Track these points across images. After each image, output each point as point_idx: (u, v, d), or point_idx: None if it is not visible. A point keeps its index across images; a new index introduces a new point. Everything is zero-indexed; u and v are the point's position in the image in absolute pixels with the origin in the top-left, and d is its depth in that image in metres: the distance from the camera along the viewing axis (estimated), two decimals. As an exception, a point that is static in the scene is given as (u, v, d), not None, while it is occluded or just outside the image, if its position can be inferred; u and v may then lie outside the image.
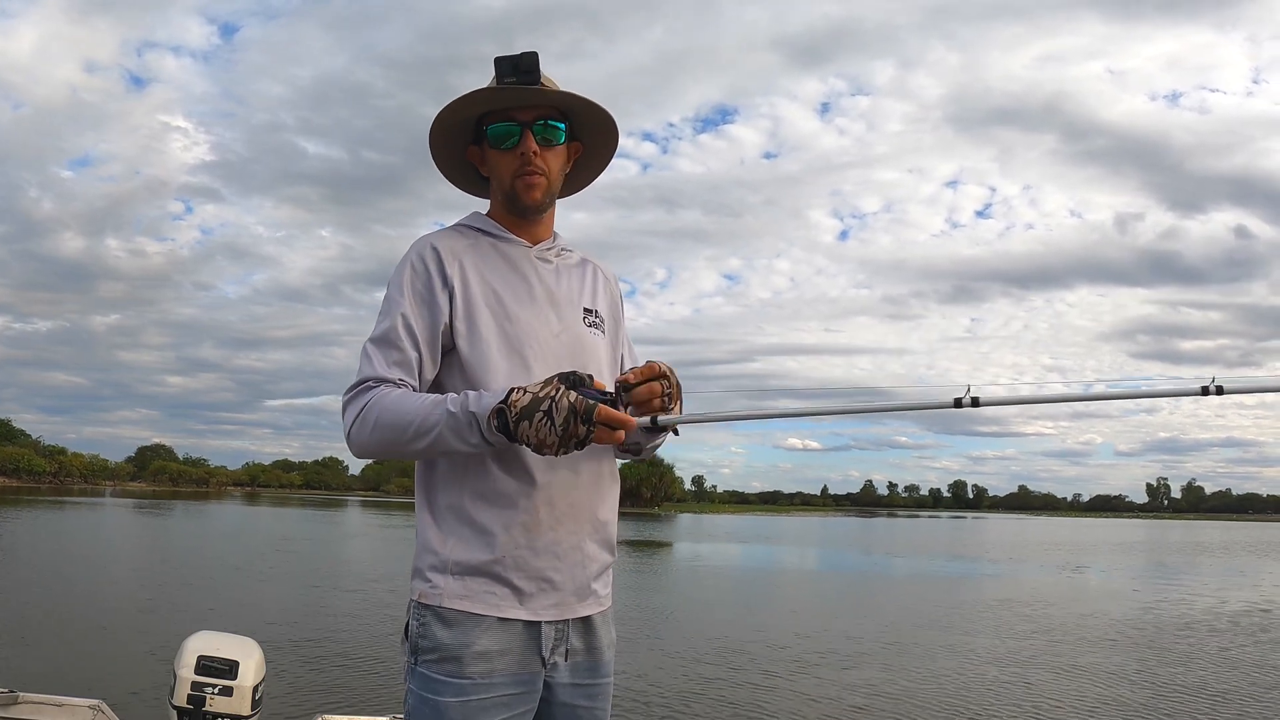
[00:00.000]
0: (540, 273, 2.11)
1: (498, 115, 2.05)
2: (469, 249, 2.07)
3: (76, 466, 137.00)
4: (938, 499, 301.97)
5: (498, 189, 2.13)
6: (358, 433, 1.90)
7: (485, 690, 1.88)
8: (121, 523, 45.94)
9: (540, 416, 1.78)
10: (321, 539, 38.95)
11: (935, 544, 55.07)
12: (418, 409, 1.86)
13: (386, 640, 12.15)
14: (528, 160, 2.04)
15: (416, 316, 1.97)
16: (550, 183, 2.09)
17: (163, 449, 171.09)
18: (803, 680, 10.89)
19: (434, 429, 1.84)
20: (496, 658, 1.90)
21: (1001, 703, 9.96)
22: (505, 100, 2.03)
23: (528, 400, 1.79)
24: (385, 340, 1.96)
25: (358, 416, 1.90)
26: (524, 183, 2.06)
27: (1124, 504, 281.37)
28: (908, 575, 30.28)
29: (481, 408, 1.82)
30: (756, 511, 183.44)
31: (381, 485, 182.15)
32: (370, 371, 1.93)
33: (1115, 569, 34.11)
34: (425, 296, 1.99)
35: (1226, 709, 10.01)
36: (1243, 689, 11.01)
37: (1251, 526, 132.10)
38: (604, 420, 1.81)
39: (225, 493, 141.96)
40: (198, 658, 4.01)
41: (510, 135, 2.04)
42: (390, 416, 1.87)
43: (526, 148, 2.03)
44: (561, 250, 2.20)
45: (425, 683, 1.89)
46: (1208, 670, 12.21)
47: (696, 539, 53.70)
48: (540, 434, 1.78)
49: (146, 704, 7.47)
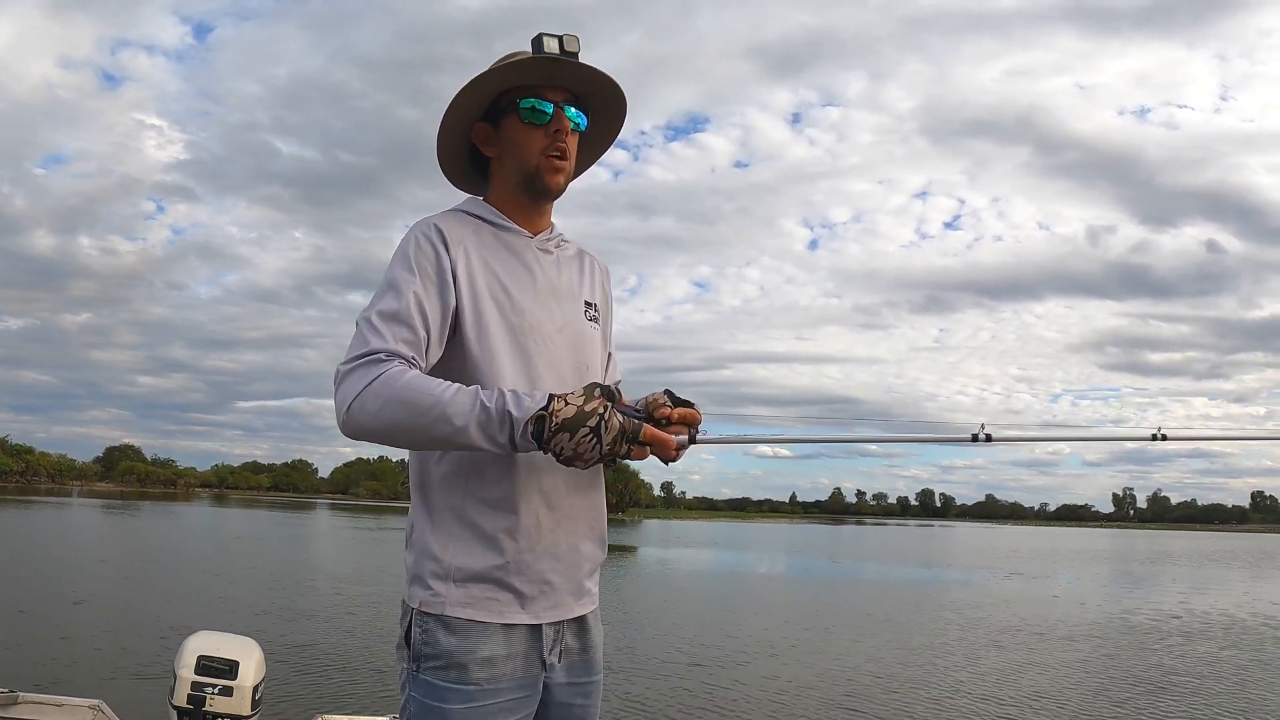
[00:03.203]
0: (543, 263, 2.05)
1: (527, 90, 1.97)
2: (472, 235, 1.98)
3: (44, 466, 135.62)
4: (905, 507, 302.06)
5: (516, 168, 2.01)
6: (360, 407, 1.73)
7: (491, 696, 1.84)
8: (95, 523, 45.56)
9: (586, 433, 1.71)
10: (314, 541, 38.84)
11: (903, 552, 55.33)
12: (441, 394, 1.72)
13: (385, 642, 12.12)
14: (560, 138, 1.98)
15: (428, 297, 1.86)
16: (571, 170, 2.04)
17: (131, 449, 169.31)
18: (756, 678, 11.08)
19: (459, 418, 1.71)
20: (502, 663, 1.86)
21: (969, 702, 10.23)
22: (544, 75, 1.97)
23: (572, 413, 1.71)
24: (395, 316, 1.81)
25: (364, 389, 1.73)
26: (551, 163, 1.98)
27: (1090, 513, 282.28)
28: (876, 582, 30.54)
29: (522, 411, 1.72)
30: (723, 518, 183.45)
31: (350, 488, 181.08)
32: (380, 344, 1.78)
33: (1083, 577, 34.53)
34: (435, 278, 1.88)
35: (1188, 709, 10.35)
36: (1203, 689, 11.35)
37: (1215, 536, 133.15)
38: (649, 440, 1.78)
39: (193, 494, 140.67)
40: (198, 658, 4.03)
41: (545, 110, 1.97)
42: (409, 395, 1.71)
43: (561, 124, 1.97)
44: (560, 241, 2.14)
45: (430, 690, 1.84)
46: (1165, 674, 12.48)
47: (661, 545, 53.52)
48: (581, 448, 1.71)
49: (146, 704, 7.33)
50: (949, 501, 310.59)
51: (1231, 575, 38.41)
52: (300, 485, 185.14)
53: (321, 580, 21.75)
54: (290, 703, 8.67)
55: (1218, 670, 13.24)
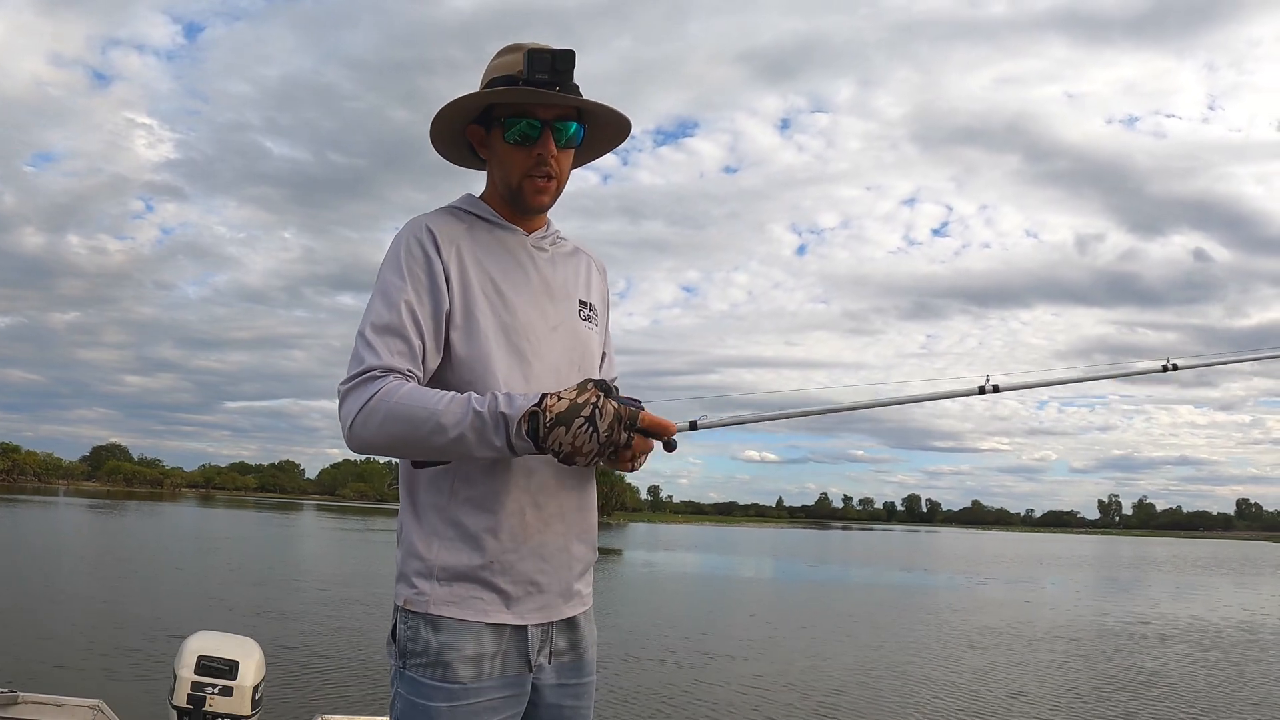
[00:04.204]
0: (537, 262, 2.03)
1: (516, 108, 1.93)
2: (465, 233, 1.97)
3: (30, 464, 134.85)
4: (892, 512, 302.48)
5: (501, 182, 2.00)
6: (361, 426, 1.77)
7: (475, 695, 1.83)
8: (84, 523, 45.41)
9: (581, 423, 1.71)
10: (306, 542, 38.80)
11: (888, 557, 55.43)
12: (435, 405, 1.75)
13: (383, 642, 12.13)
14: (544, 162, 1.94)
15: (420, 304, 1.87)
16: (560, 185, 2.01)
17: (118, 449, 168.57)
18: (740, 678, 11.17)
19: (454, 427, 1.74)
20: (485, 662, 1.85)
21: (948, 701, 10.36)
22: (530, 94, 1.92)
23: (565, 406, 1.72)
24: (388, 328, 1.84)
25: (362, 408, 1.77)
26: (534, 185, 1.96)
27: (1076, 520, 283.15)
28: (860, 586, 30.64)
29: (514, 409, 1.73)
30: (709, 522, 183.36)
31: (337, 490, 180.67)
32: (375, 360, 1.80)
33: (1069, 582, 34.68)
34: (426, 283, 1.88)
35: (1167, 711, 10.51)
36: (1180, 690, 11.47)
37: (1200, 543, 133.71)
38: (647, 426, 1.78)
39: (179, 494, 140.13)
40: (198, 658, 3.98)
41: (531, 133, 1.93)
42: (403, 410, 1.75)
43: (545, 150, 1.94)
44: (556, 239, 2.11)
45: (414, 687, 1.85)
46: (1145, 675, 12.56)
47: (647, 548, 53.57)
48: (578, 441, 1.72)
49: (146, 704, 7.39)
50: (935, 507, 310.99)
51: (1214, 582, 38.60)
52: (287, 486, 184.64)
53: (319, 581, 21.81)
54: (290, 703, 8.70)
55: (1196, 672, 13.43)
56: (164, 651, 6.30)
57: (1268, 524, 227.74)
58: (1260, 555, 79.52)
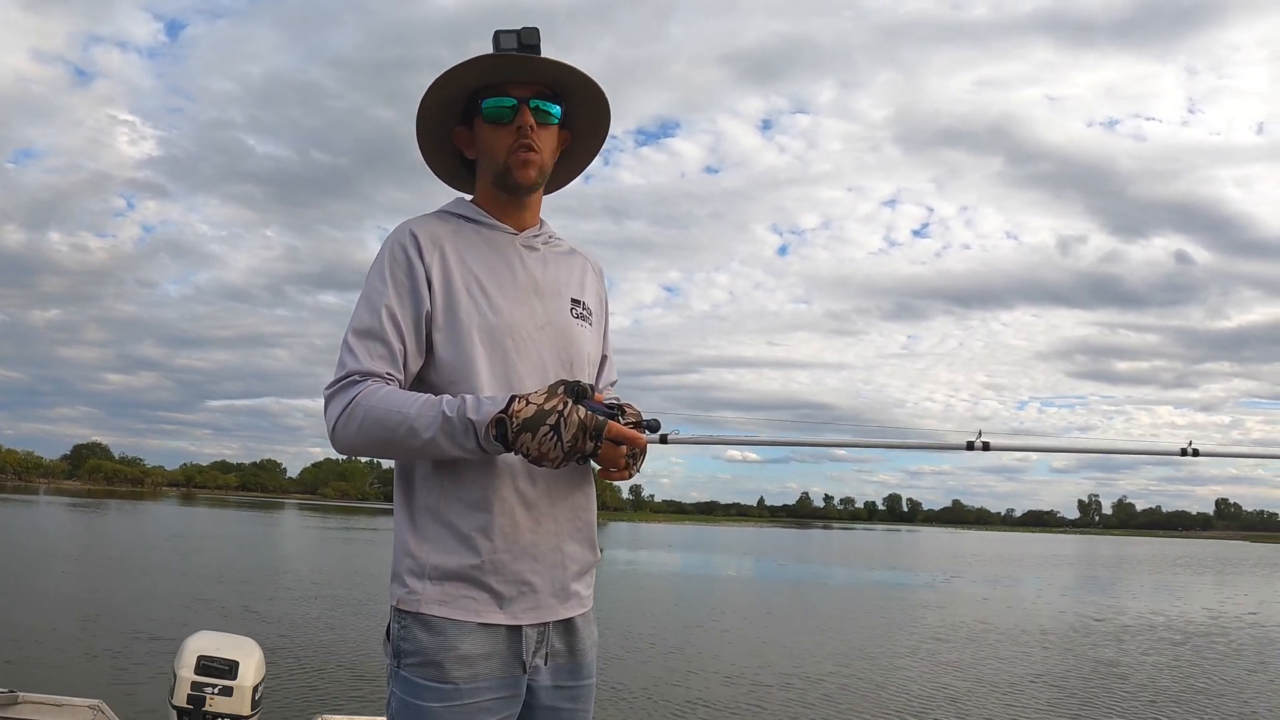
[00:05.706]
0: (525, 260, 2.04)
1: (494, 90, 1.98)
2: (451, 235, 1.99)
3: (10, 463, 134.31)
4: (873, 512, 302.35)
5: (489, 168, 2.04)
6: (343, 429, 1.84)
7: (469, 695, 1.84)
8: (67, 521, 45.33)
9: (546, 430, 1.74)
10: (293, 540, 38.73)
11: (868, 557, 55.63)
12: (409, 408, 1.80)
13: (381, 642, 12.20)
14: (524, 134, 1.97)
15: (400, 306, 1.90)
16: (544, 162, 2.02)
17: (99, 447, 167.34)
18: (719, 675, 11.31)
19: (426, 430, 1.79)
20: (479, 662, 1.85)
21: (919, 694, 10.56)
22: (502, 73, 1.97)
23: (532, 412, 1.75)
24: (369, 333, 1.89)
25: (343, 413, 1.84)
26: (519, 159, 1.98)
27: (1056, 519, 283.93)
28: (839, 585, 30.84)
29: (481, 415, 1.77)
30: (690, 522, 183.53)
31: (319, 489, 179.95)
32: (355, 365, 1.86)
33: (1049, 582, 34.97)
34: (408, 285, 1.92)
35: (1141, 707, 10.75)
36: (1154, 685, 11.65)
37: (1179, 543, 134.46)
38: (614, 437, 1.79)
39: (160, 493, 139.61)
40: (198, 658, 4.01)
41: (507, 108, 1.98)
42: (379, 414, 1.81)
43: (524, 120, 1.97)
44: (549, 238, 2.13)
45: (408, 686, 1.86)
46: (1119, 670, 12.72)
47: (629, 547, 53.33)
48: (544, 448, 1.75)
49: (146, 704, 7.44)
50: (916, 507, 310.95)
51: (1192, 580, 38.94)
52: (269, 485, 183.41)
53: (314, 581, 21.82)
54: (290, 703, 8.74)
55: (1171, 667, 13.66)
56: (164, 651, 6.35)
57: (1246, 524, 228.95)
58: (1238, 554, 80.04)
